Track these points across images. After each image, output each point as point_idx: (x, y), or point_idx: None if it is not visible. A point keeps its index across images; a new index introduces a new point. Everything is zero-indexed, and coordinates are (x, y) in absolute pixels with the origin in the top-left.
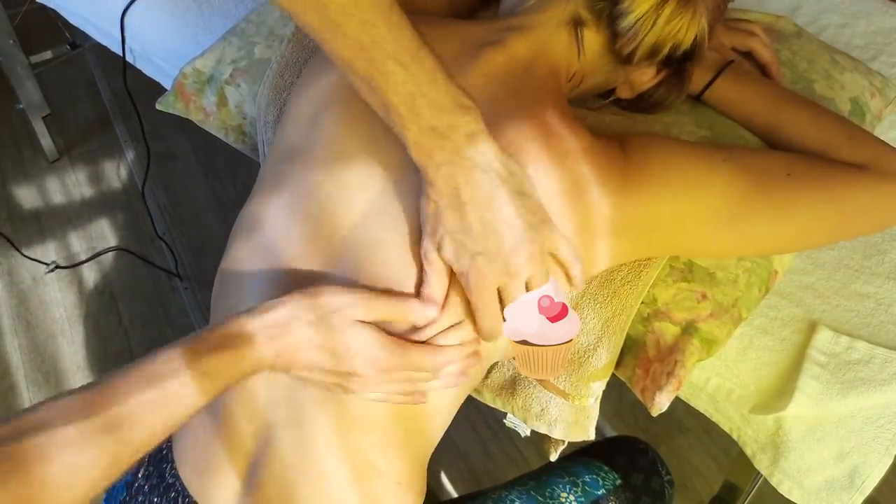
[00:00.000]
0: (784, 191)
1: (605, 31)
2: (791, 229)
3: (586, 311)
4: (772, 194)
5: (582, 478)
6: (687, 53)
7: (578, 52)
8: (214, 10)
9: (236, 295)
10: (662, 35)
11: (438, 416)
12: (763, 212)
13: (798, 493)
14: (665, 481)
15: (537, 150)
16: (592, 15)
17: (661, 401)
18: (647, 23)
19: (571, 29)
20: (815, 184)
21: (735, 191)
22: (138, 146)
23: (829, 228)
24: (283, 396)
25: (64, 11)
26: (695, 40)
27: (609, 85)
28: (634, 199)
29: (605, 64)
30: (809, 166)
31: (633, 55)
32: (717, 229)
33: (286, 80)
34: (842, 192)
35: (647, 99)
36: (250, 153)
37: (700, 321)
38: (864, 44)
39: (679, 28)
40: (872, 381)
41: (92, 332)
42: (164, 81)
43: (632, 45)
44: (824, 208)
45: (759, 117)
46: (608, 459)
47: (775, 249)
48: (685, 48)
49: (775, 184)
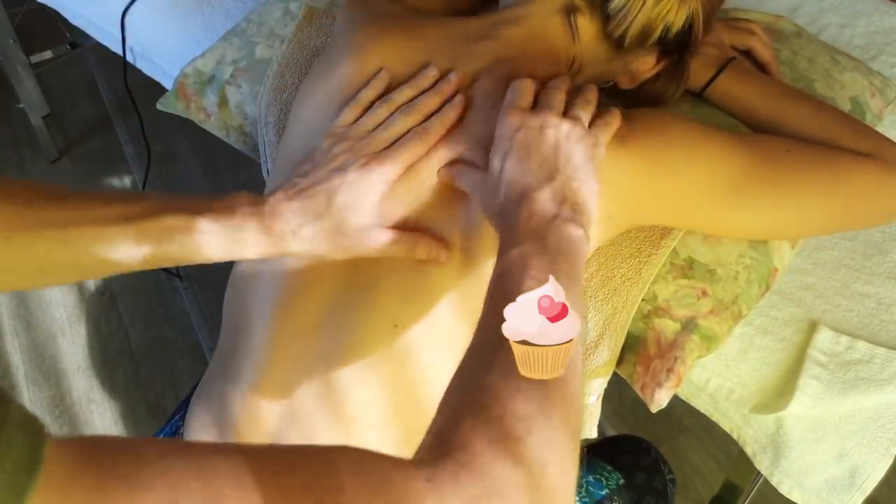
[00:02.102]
0: (787, 166)
1: (598, 16)
2: (793, 208)
3: (588, 309)
4: (777, 167)
5: (585, 478)
6: (683, 40)
7: (574, 38)
8: (215, 9)
9: (249, 303)
10: (652, 16)
11: None
12: (764, 186)
13: (798, 493)
14: (668, 480)
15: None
16: (585, 1)
17: (660, 397)
18: (636, 4)
19: (564, 16)
20: (818, 161)
21: (736, 162)
22: (138, 146)
23: (830, 211)
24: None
25: (64, 11)
26: (686, 22)
27: (609, 76)
28: (632, 166)
29: (603, 52)
30: (814, 146)
31: (624, 37)
32: (716, 201)
33: (287, 80)
34: (845, 174)
35: (646, 91)
36: (251, 153)
37: (700, 318)
38: (865, 44)
39: (669, 8)
40: (873, 381)
41: (92, 332)
42: (164, 81)
43: (622, 27)
44: (827, 188)
45: (762, 114)
46: (611, 459)
47: (777, 230)
48: (676, 30)
49: (778, 158)
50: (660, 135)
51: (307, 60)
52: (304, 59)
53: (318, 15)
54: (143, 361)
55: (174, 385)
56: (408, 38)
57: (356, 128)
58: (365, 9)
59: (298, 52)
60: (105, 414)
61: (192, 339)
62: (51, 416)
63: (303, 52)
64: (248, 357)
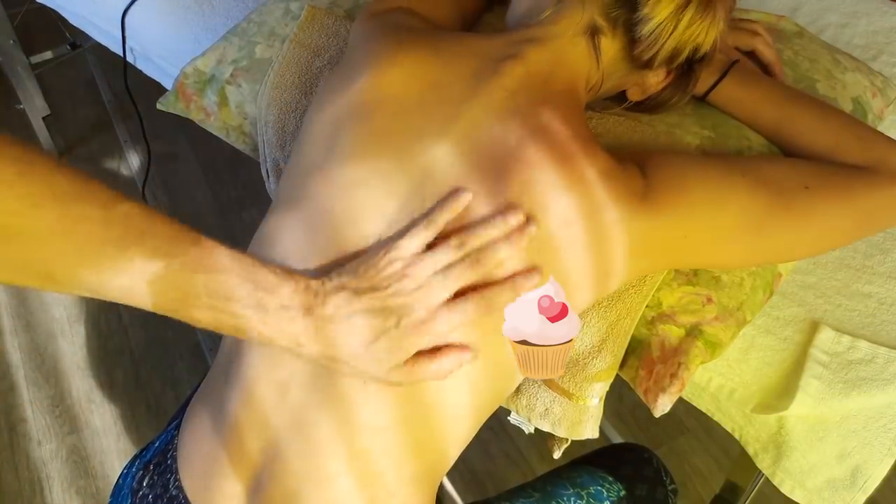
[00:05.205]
0: (803, 204)
1: (621, 37)
2: (807, 240)
3: (591, 314)
4: (791, 207)
5: (587, 489)
6: (702, 56)
7: (597, 60)
8: (215, 9)
9: None
10: (683, 40)
11: (453, 427)
12: (782, 225)
13: (800, 493)
14: (669, 490)
15: (556, 173)
16: (608, 22)
17: (663, 402)
18: (667, 28)
19: (588, 38)
20: (832, 194)
21: (755, 207)
22: (138, 146)
23: (841, 236)
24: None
25: (64, 11)
26: (715, 43)
27: (620, 88)
28: (654, 222)
29: (620, 69)
30: (826, 177)
31: (652, 60)
32: (736, 245)
33: (287, 80)
34: (857, 200)
35: (652, 99)
36: (251, 153)
37: (705, 324)
38: (865, 43)
39: (699, 32)
40: (875, 381)
41: (92, 332)
42: (164, 81)
43: (652, 51)
44: (841, 218)
45: (765, 117)
46: (612, 470)
47: (790, 258)
48: (705, 51)
49: (794, 197)
50: (679, 191)
51: (308, 60)
52: (305, 59)
53: (319, 15)
54: (143, 361)
55: (174, 385)
56: (428, 53)
57: (421, 267)
58: (382, 22)
59: (299, 52)
60: (105, 414)
61: (192, 339)
62: (51, 416)
63: (303, 52)
64: (249, 359)
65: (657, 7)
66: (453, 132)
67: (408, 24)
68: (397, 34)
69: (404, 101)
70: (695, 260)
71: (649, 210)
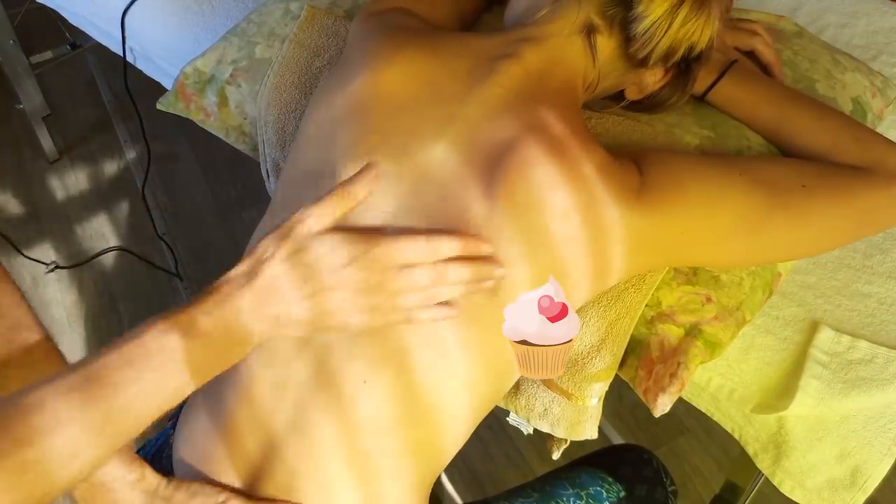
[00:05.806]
0: (801, 203)
1: (617, 35)
2: (805, 239)
3: (590, 314)
4: (789, 206)
5: (587, 489)
6: (699, 55)
7: (594, 59)
8: (215, 9)
9: None
10: (677, 38)
11: (451, 426)
12: (780, 224)
13: (800, 493)
14: (669, 492)
15: (552, 169)
16: (604, 21)
17: (663, 402)
18: (662, 27)
19: (585, 37)
20: (829, 194)
21: (752, 205)
22: (138, 146)
23: (839, 235)
24: (289, 403)
25: (64, 11)
26: (710, 41)
27: (618, 87)
28: (650, 218)
29: (617, 68)
30: (823, 177)
31: (647, 58)
32: (733, 243)
33: (287, 80)
34: (854, 200)
35: (651, 99)
36: (251, 153)
37: (704, 324)
38: (865, 43)
39: (694, 30)
40: (874, 381)
41: (92, 332)
42: (164, 81)
43: (647, 49)
44: (838, 218)
45: (764, 117)
46: (612, 470)
47: (788, 258)
48: (700, 49)
49: (792, 196)
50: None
51: (307, 60)
52: (305, 59)
53: (319, 15)
54: None
55: None
56: (425, 53)
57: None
58: (381, 21)
59: (299, 52)
60: None
61: None
62: None
63: (303, 52)
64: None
65: (652, 5)
66: (450, 131)
67: (406, 24)
68: (395, 34)
69: (401, 101)
70: (693, 258)
71: (645, 206)
